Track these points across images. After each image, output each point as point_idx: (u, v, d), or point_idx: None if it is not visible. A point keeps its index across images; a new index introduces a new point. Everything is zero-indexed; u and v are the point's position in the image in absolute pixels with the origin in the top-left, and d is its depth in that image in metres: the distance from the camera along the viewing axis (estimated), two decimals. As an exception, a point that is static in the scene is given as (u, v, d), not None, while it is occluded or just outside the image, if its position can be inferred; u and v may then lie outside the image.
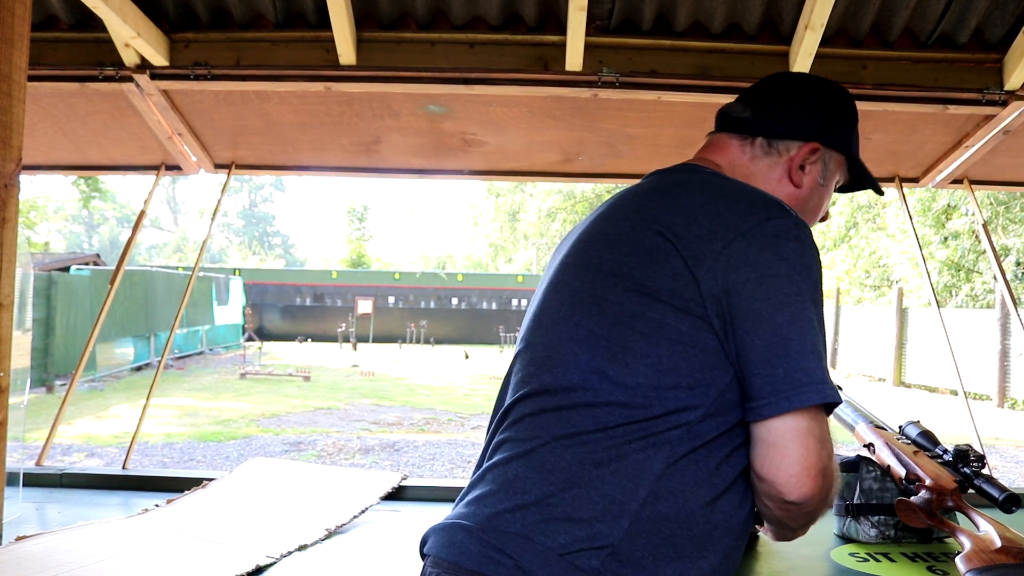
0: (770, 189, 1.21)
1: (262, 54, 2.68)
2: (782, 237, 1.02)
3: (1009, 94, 2.70)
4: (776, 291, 0.98)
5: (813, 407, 0.96)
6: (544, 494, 0.99)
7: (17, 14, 1.89)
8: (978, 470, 2.00)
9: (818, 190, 1.23)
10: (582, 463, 0.99)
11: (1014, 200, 14.58)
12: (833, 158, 1.24)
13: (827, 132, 1.22)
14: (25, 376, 2.65)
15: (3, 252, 1.89)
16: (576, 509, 0.97)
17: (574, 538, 0.95)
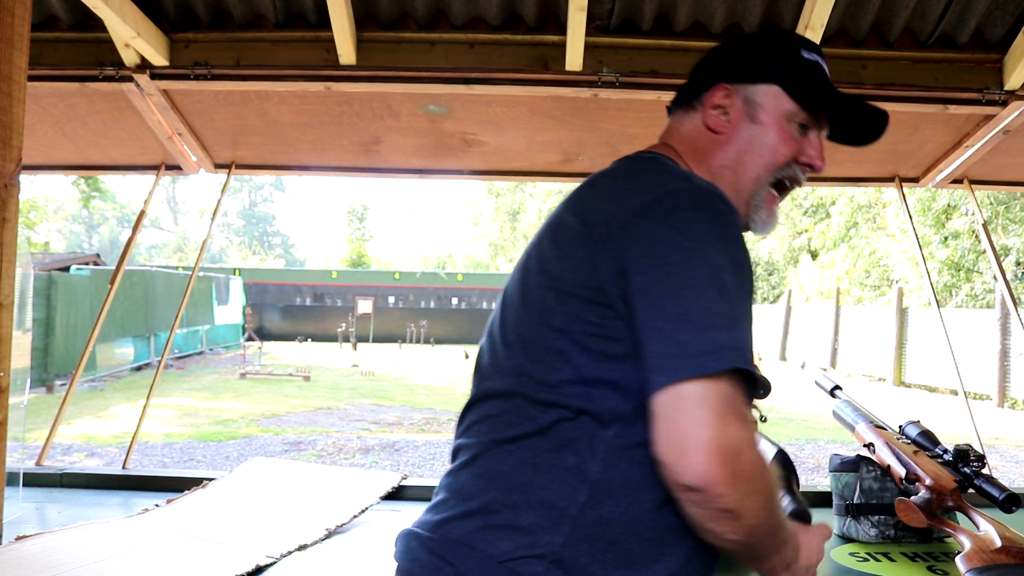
0: (700, 146, 1.15)
1: (262, 54, 2.68)
2: (677, 207, 0.96)
3: (1009, 94, 2.70)
4: (668, 263, 0.92)
5: (710, 377, 0.86)
6: (488, 501, 0.97)
7: (17, 14, 1.89)
8: (978, 470, 2.00)
9: (750, 129, 1.11)
10: (523, 468, 0.97)
11: (1014, 200, 14.58)
12: (759, 92, 1.12)
13: (733, 69, 1.14)
14: (25, 376, 2.65)
15: (3, 252, 1.89)
16: (517, 516, 0.95)
17: (516, 545, 0.93)
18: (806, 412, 10.88)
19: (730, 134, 1.12)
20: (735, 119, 1.12)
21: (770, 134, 1.10)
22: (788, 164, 1.11)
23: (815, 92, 1.11)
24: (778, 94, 1.11)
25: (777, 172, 1.11)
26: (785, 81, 1.11)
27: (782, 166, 1.11)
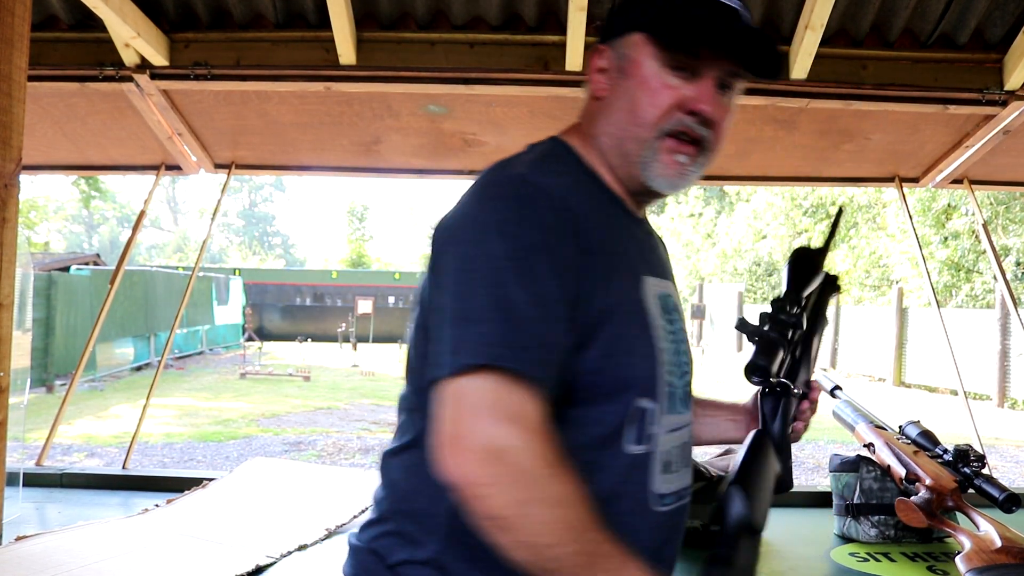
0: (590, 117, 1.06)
1: (262, 54, 2.68)
2: (479, 197, 0.91)
3: (1009, 94, 2.70)
4: (456, 258, 0.87)
5: (467, 374, 0.81)
6: (385, 509, 1.00)
7: (17, 14, 1.89)
8: (978, 470, 2.00)
9: (624, 86, 0.99)
10: (407, 476, 0.97)
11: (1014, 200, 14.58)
12: (625, 44, 1.00)
13: (607, 27, 1.04)
14: (25, 376, 2.65)
15: (3, 252, 1.89)
16: (402, 523, 0.96)
17: (406, 552, 0.94)
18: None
19: (610, 97, 1.01)
20: (612, 79, 1.01)
21: (641, 87, 0.97)
22: (670, 114, 0.96)
23: (679, 30, 0.95)
24: (642, 41, 0.97)
25: (661, 126, 0.96)
26: (648, 25, 0.97)
27: (663, 118, 0.96)
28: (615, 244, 0.96)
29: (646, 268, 1.00)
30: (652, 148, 0.97)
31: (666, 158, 0.98)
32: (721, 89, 0.99)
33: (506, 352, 0.81)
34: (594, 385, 0.90)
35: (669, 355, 0.97)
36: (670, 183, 1.00)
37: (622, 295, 0.93)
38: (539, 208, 0.87)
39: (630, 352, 0.92)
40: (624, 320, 0.92)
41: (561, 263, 0.86)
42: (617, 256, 0.95)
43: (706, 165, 1.01)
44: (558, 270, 0.86)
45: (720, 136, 1.00)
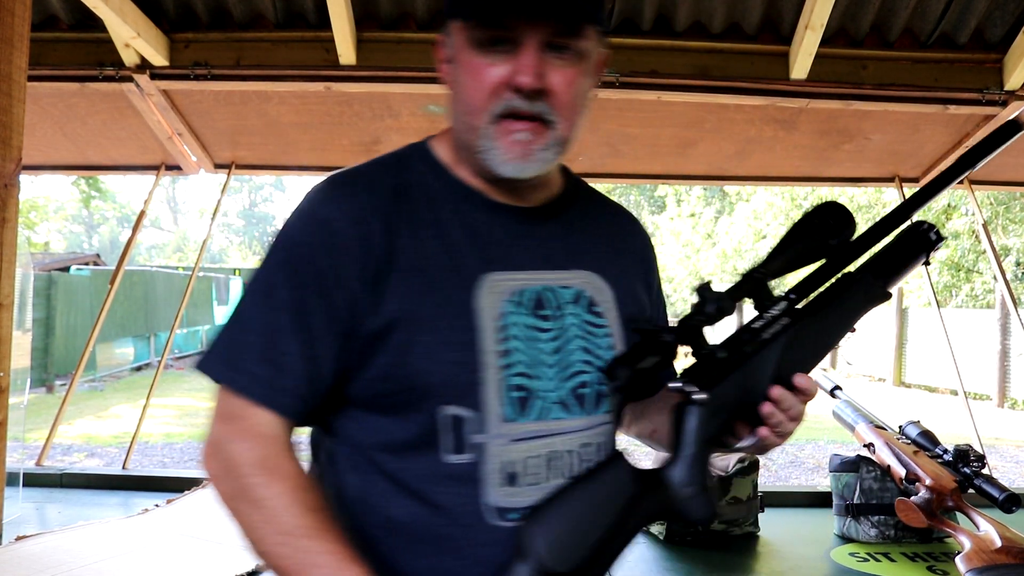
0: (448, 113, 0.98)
1: (262, 54, 2.68)
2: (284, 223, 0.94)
3: (1009, 94, 2.70)
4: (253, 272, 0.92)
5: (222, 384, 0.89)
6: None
7: (17, 14, 1.89)
8: (978, 470, 2.00)
9: (455, 74, 0.93)
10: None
11: (1014, 200, 14.57)
12: (451, 31, 0.94)
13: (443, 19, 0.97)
14: (25, 376, 2.65)
15: (3, 252, 1.89)
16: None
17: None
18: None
19: (450, 88, 0.95)
20: (449, 70, 0.95)
21: (465, 73, 0.90)
22: (495, 96, 0.88)
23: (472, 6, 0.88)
24: (457, 27, 0.91)
25: (490, 110, 0.89)
26: (453, 9, 0.91)
27: (489, 101, 0.89)
28: (434, 249, 0.91)
29: (500, 263, 0.92)
30: (488, 135, 0.89)
31: (504, 141, 0.89)
32: (555, 51, 0.88)
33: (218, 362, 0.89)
34: (390, 393, 0.89)
35: (525, 356, 0.90)
36: (517, 166, 0.90)
37: (424, 302, 0.88)
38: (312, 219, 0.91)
39: (428, 358, 0.87)
40: (423, 327, 0.88)
41: (330, 291, 0.88)
42: (432, 261, 0.90)
43: (565, 139, 0.92)
44: (321, 301, 0.88)
45: (564, 103, 0.90)
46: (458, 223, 0.93)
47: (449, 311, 0.89)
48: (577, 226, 1.01)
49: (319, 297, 0.88)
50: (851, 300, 1.00)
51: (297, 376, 0.88)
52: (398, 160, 0.98)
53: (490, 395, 0.88)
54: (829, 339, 0.99)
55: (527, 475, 0.90)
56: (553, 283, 0.94)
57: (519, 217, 0.97)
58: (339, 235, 0.89)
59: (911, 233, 1.03)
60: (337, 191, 0.92)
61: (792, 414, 0.94)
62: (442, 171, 0.97)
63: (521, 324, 0.91)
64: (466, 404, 0.88)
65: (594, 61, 0.94)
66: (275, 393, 0.87)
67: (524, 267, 0.94)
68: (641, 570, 2.00)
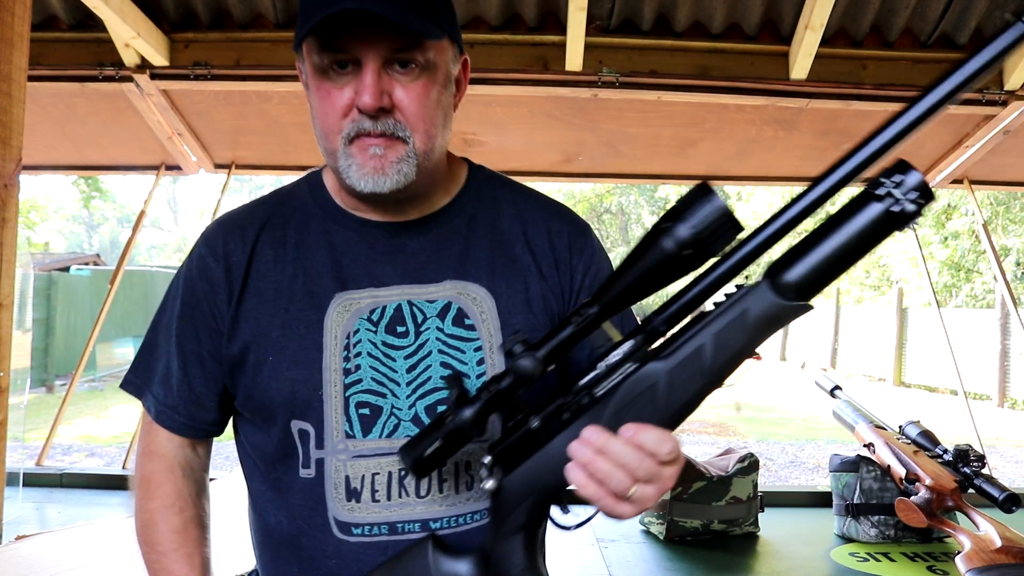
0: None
1: (262, 54, 2.68)
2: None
3: (1009, 94, 2.70)
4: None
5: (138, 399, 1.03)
6: None
7: (17, 14, 1.89)
8: (978, 470, 2.00)
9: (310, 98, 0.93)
10: None
11: (1014, 200, 14.58)
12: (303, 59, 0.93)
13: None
14: (25, 376, 2.65)
15: (3, 252, 1.89)
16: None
17: None
18: (806, 412, 10.88)
19: (311, 111, 0.94)
20: (307, 95, 0.95)
21: (315, 99, 0.91)
22: (344, 119, 0.89)
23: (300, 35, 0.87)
24: (304, 52, 0.91)
25: (342, 134, 0.89)
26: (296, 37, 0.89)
27: (339, 125, 0.89)
28: (291, 273, 0.95)
29: (359, 282, 0.94)
30: (344, 156, 0.90)
31: (360, 158, 0.89)
32: (400, 66, 0.87)
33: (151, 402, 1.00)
34: (254, 410, 0.96)
35: (374, 373, 0.91)
36: (375, 180, 0.89)
37: (273, 324, 0.93)
38: (196, 255, 0.99)
39: (273, 377, 0.92)
40: (271, 348, 0.93)
41: (202, 320, 0.97)
42: (287, 285, 0.94)
43: (424, 150, 0.90)
44: (195, 329, 0.97)
45: (414, 115, 0.89)
46: (323, 245, 0.97)
47: (296, 332, 0.93)
48: (462, 235, 0.98)
49: (192, 326, 0.97)
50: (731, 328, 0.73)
51: (180, 397, 0.98)
52: (284, 193, 1.03)
53: (331, 412, 0.91)
54: (700, 381, 0.75)
55: (371, 492, 0.91)
56: (417, 297, 0.94)
57: (389, 232, 0.97)
58: (208, 270, 0.97)
59: (862, 200, 0.69)
60: (212, 230, 1.01)
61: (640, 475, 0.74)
62: (321, 196, 1.01)
63: (372, 342, 0.92)
64: (308, 420, 0.92)
65: (447, 70, 0.93)
66: (164, 413, 0.99)
67: (387, 283, 0.94)
68: (641, 570, 2.00)
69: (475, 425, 0.78)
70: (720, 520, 2.20)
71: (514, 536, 0.82)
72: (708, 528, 2.20)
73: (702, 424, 9.35)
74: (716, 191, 0.70)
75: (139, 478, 1.01)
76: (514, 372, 0.76)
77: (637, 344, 0.76)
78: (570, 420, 0.78)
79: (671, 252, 0.71)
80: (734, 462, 2.25)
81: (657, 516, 2.24)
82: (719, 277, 0.73)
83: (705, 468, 2.22)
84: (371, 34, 0.85)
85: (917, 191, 0.66)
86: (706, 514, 2.19)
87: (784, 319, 0.72)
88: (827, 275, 0.70)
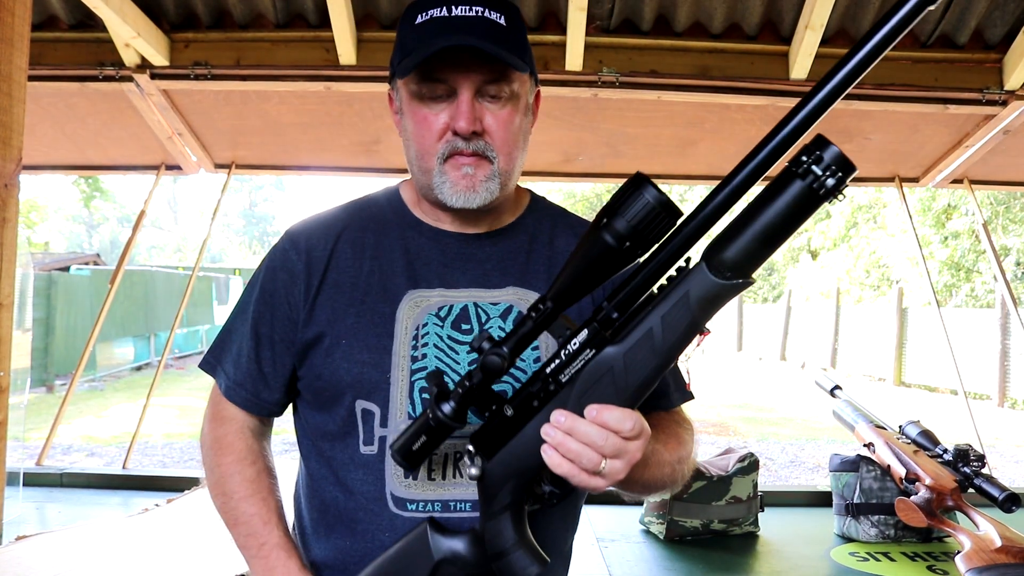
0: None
1: (262, 54, 2.68)
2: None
3: (1009, 94, 2.70)
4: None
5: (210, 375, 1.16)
6: None
7: (17, 14, 1.89)
8: (978, 470, 2.00)
9: (404, 123, 1.07)
10: None
11: (1014, 200, 14.58)
12: (397, 87, 1.08)
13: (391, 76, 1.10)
14: (25, 376, 2.65)
15: (3, 252, 1.89)
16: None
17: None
18: (806, 412, 10.88)
19: (403, 136, 1.09)
20: (400, 121, 1.09)
21: (412, 123, 1.04)
22: (439, 141, 1.02)
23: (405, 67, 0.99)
24: (401, 83, 1.06)
25: (437, 154, 1.02)
26: (394, 70, 1.05)
27: (435, 146, 1.02)
28: (368, 270, 1.07)
29: (430, 282, 1.06)
30: (439, 174, 1.03)
31: (453, 176, 1.02)
32: (489, 96, 1.02)
33: (222, 378, 1.12)
34: (320, 389, 1.05)
35: (438, 363, 1.02)
36: (466, 197, 1.03)
37: (348, 312, 1.05)
38: (279, 250, 1.11)
39: (346, 359, 1.03)
40: (345, 334, 1.04)
41: (278, 307, 1.08)
42: (363, 280, 1.06)
43: (506, 171, 1.04)
44: (270, 314, 1.09)
45: (500, 140, 1.03)
46: (399, 248, 1.09)
47: (371, 320, 1.04)
48: (524, 249, 1.12)
49: (269, 311, 1.09)
50: (677, 309, 0.77)
51: (248, 374, 1.10)
52: (365, 202, 1.16)
53: (397, 394, 1.02)
54: (654, 361, 0.79)
55: (428, 470, 1.01)
56: (482, 300, 1.06)
57: (461, 242, 1.10)
58: (290, 262, 1.09)
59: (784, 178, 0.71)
60: (297, 228, 1.13)
61: (607, 451, 0.80)
62: (400, 207, 1.14)
63: (439, 335, 1.03)
64: (374, 400, 1.02)
65: (526, 100, 1.08)
66: (232, 389, 1.11)
67: (456, 286, 1.07)
68: (641, 569, 2.01)
69: (455, 418, 0.86)
70: (720, 520, 2.20)
71: (502, 515, 0.89)
72: (708, 528, 2.20)
73: (702, 424, 9.35)
74: (650, 182, 0.76)
75: (210, 440, 1.12)
76: (483, 367, 0.84)
77: (592, 332, 0.81)
78: (540, 406, 0.85)
79: (612, 246, 0.77)
80: (734, 462, 2.25)
81: (657, 516, 2.24)
82: (662, 262, 0.78)
83: (705, 468, 2.23)
84: (467, 67, 0.99)
85: (835, 166, 0.68)
86: (706, 514, 2.19)
87: (724, 296, 0.76)
88: (759, 252, 0.73)
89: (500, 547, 0.89)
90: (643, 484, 1.00)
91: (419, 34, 1.00)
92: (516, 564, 0.88)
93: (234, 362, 1.11)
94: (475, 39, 0.97)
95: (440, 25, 0.99)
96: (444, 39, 0.97)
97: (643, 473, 0.95)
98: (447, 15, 0.99)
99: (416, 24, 1.01)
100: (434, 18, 1.00)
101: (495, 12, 1.01)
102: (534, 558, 0.89)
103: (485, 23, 0.99)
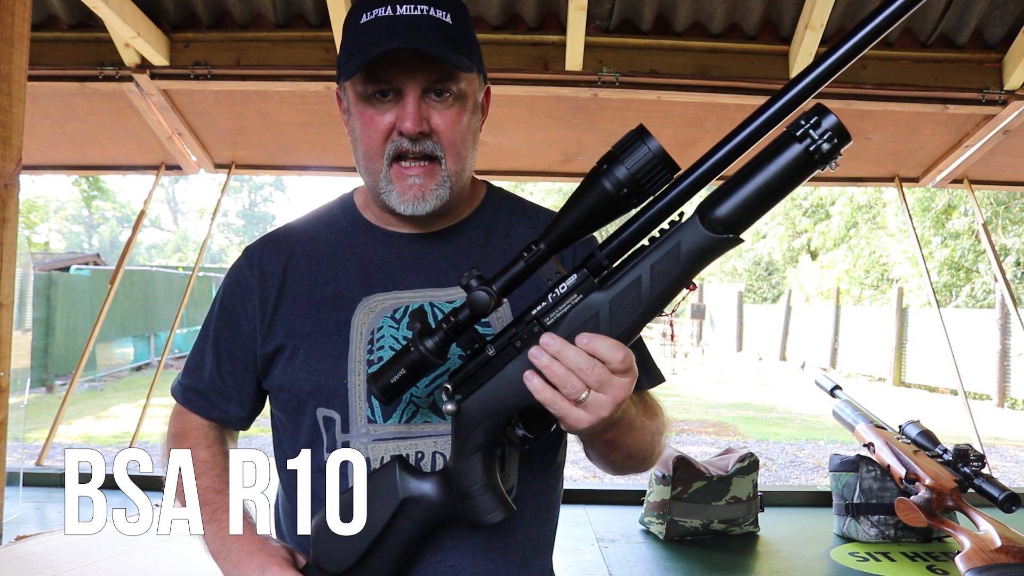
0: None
1: (262, 54, 2.68)
2: None
3: (1009, 94, 2.70)
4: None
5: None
6: None
7: (17, 14, 1.89)
8: (978, 470, 2.00)
9: (351, 125, 1.06)
10: None
11: (1014, 200, 14.59)
12: (345, 88, 1.06)
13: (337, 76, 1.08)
14: (25, 376, 2.65)
15: (3, 252, 1.89)
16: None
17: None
18: (806, 412, 10.88)
19: (351, 137, 1.07)
20: (349, 122, 1.08)
21: (359, 125, 1.03)
22: (386, 141, 1.01)
23: (348, 70, 0.98)
24: (348, 85, 1.04)
25: (384, 154, 1.01)
26: (344, 70, 1.01)
27: (381, 147, 1.01)
28: (323, 280, 1.08)
29: (384, 286, 1.06)
30: (385, 177, 1.02)
31: (400, 185, 1.02)
32: (436, 95, 1.00)
33: (189, 394, 1.16)
34: (285, 400, 1.08)
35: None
36: (415, 205, 1.02)
37: (305, 323, 1.06)
38: (237, 269, 1.14)
39: (304, 368, 1.04)
40: (303, 344, 1.05)
41: (237, 323, 1.11)
42: (318, 290, 1.07)
43: (456, 171, 1.03)
44: (229, 329, 1.12)
45: (448, 139, 1.01)
46: (353, 256, 1.09)
47: (326, 330, 1.05)
48: (479, 244, 1.11)
49: (227, 326, 1.12)
50: (666, 260, 0.79)
51: (209, 384, 1.13)
52: (320, 212, 1.18)
53: (355, 399, 1.02)
54: (639, 309, 0.81)
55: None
56: (437, 299, 1.06)
57: (413, 243, 1.10)
58: (244, 279, 1.12)
59: (783, 141, 0.76)
60: (252, 246, 1.16)
61: (591, 380, 0.80)
62: (352, 213, 1.14)
63: (395, 337, 1.03)
64: (334, 407, 1.03)
65: (475, 98, 1.07)
66: (190, 398, 1.15)
67: (410, 287, 1.07)
68: (641, 570, 2.01)
69: (437, 354, 0.86)
70: (720, 520, 2.20)
71: (473, 455, 0.89)
72: (708, 528, 2.20)
73: (702, 424, 9.36)
74: (651, 134, 0.78)
75: (171, 435, 1.16)
76: (470, 304, 0.83)
77: (582, 277, 0.82)
78: (522, 348, 0.85)
79: (610, 193, 0.78)
80: (734, 462, 2.25)
81: (657, 516, 2.24)
82: (656, 214, 0.80)
83: (705, 468, 2.23)
84: (413, 67, 0.98)
85: (832, 132, 0.74)
86: (706, 514, 2.19)
87: (714, 251, 0.78)
88: (753, 211, 0.76)
89: (466, 488, 0.89)
90: (626, 451, 0.98)
91: (364, 34, 0.98)
92: (481, 507, 0.88)
93: (192, 372, 1.16)
94: (420, 39, 0.96)
95: (385, 25, 0.97)
96: (388, 40, 0.95)
97: (627, 438, 0.95)
98: (391, 14, 0.97)
99: (361, 24, 0.99)
100: (379, 18, 0.98)
101: (441, 10, 0.99)
102: (500, 503, 0.89)
103: (431, 22, 0.98)
